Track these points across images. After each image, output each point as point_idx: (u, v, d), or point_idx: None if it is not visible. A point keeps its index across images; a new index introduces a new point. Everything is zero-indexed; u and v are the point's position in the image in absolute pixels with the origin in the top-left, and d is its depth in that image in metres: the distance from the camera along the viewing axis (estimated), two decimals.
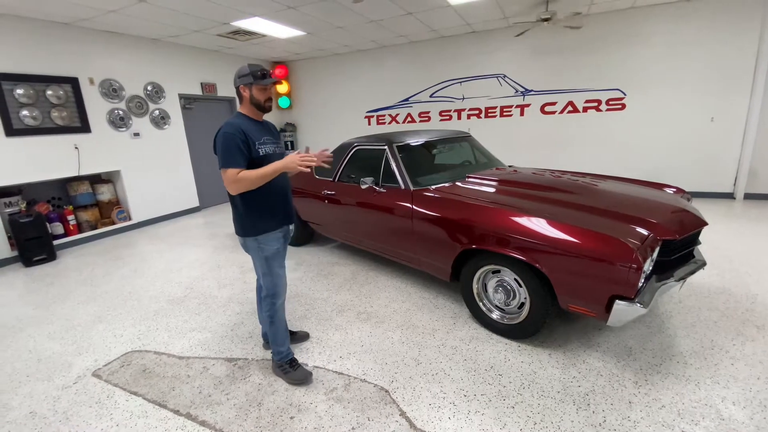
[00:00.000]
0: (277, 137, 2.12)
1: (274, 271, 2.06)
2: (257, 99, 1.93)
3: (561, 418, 1.76)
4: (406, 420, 1.79)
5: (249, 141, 1.87)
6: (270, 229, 2.01)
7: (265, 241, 2.01)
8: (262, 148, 1.92)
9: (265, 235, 2.00)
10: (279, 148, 2.06)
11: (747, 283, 2.92)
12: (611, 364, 2.10)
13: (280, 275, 2.09)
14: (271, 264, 2.05)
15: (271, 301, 2.09)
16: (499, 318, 2.41)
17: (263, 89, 1.93)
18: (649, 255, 1.87)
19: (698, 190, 5.50)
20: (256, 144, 1.90)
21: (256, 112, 1.98)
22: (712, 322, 2.44)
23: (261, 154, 1.91)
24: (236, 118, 1.93)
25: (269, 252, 2.03)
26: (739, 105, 5.08)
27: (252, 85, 1.91)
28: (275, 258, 2.06)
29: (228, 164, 1.82)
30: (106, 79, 5.14)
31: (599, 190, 2.66)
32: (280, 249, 2.09)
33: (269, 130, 2.08)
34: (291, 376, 2.10)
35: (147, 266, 4.05)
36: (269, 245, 2.02)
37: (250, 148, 1.87)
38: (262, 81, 1.90)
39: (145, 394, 2.09)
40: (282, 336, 2.14)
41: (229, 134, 1.83)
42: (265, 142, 1.96)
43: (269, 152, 1.96)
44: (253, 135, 1.90)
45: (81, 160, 4.92)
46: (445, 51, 6.58)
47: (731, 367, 2.03)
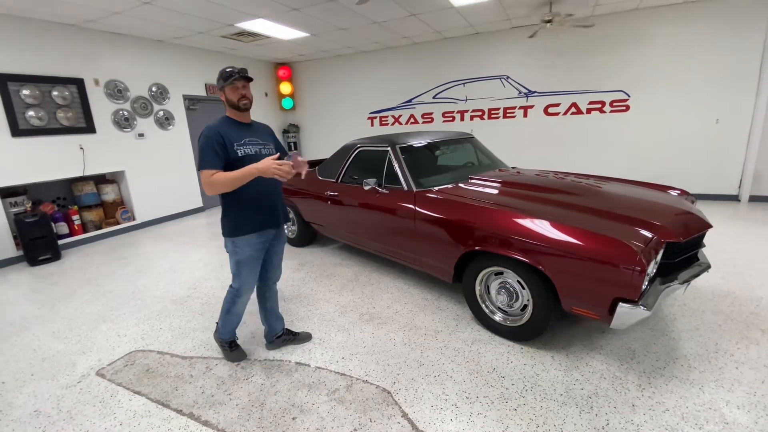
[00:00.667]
0: (267, 139, 2.13)
1: (243, 275, 2.11)
2: (231, 99, 1.96)
3: (564, 420, 1.75)
4: (408, 421, 1.79)
5: (226, 142, 1.90)
6: (244, 233, 2.02)
7: (239, 244, 2.04)
8: (241, 149, 1.94)
9: (240, 239, 2.03)
10: (267, 149, 2.07)
11: (752, 286, 2.90)
12: (614, 366, 2.09)
13: (248, 280, 2.14)
14: (241, 268, 2.09)
15: (233, 298, 2.19)
16: (501, 320, 2.41)
17: (234, 89, 1.94)
18: (653, 257, 1.86)
19: (703, 193, 5.47)
20: (234, 145, 1.92)
21: (238, 113, 2.00)
22: (716, 326, 2.42)
23: (239, 155, 1.93)
24: (219, 121, 1.98)
25: (242, 256, 2.06)
26: (745, 107, 5.05)
27: (224, 87, 1.95)
28: (247, 264, 2.08)
29: (203, 165, 1.87)
30: (112, 80, 5.17)
31: (603, 192, 2.65)
32: (255, 256, 2.09)
33: (257, 131, 2.09)
34: (228, 355, 2.34)
35: (150, 266, 4.07)
36: (242, 249, 2.05)
37: (227, 149, 1.90)
38: (229, 80, 1.92)
39: (148, 394, 2.10)
40: (231, 326, 2.31)
41: (205, 136, 1.89)
42: (247, 143, 1.97)
43: (249, 153, 1.96)
44: (233, 136, 1.93)
45: (86, 160, 4.95)
46: (448, 52, 6.59)
47: (736, 370, 2.01)
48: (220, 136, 1.89)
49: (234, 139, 1.93)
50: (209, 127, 1.92)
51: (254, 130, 2.07)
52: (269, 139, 2.17)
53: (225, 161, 1.90)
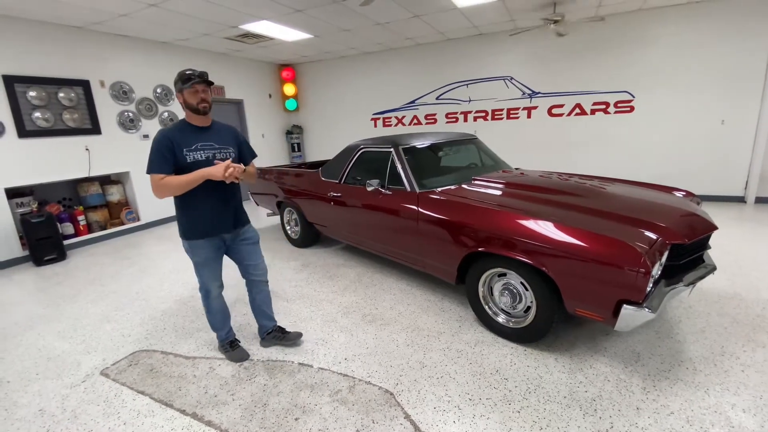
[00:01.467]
0: (227, 142, 2.08)
1: (203, 275, 2.16)
2: (190, 102, 1.92)
3: (567, 423, 1.74)
4: (410, 423, 1.79)
5: (175, 147, 1.88)
6: (198, 236, 2.04)
7: (193, 246, 2.07)
8: (190, 155, 1.92)
9: (192, 242, 2.06)
10: (222, 153, 2.03)
11: (758, 288, 2.87)
12: (619, 369, 2.08)
13: (209, 279, 2.17)
14: (200, 270, 2.14)
15: (204, 295, 2.24)
16: (504, 322, 2.40)
17: (193, 92, 1.90)
18: (658, 259, 1.85)
19: (708, 194, 5.43)
20: (184, 150, 1.90)
21: (196, 116, 1.96)
22: (722, 328, 2.40)
23: (188, 161, 1.91)
24: (173, 125, 1.97)
25: (197, 258, 2.10)
26: (751, 108, 5.01)
27: (183, 90, 1.91)
28: (205, 265, 2.12)
29: (150, 169, 1.88)
30: (117, 81, 5.21)
31: (607, 193, 2.64)
32: (211, 257, 2.11)
33: (215, 135, 2.03)
34: (230, 355, 2.35)
35: (154, 266, 4.09)
36: (197, 252, 2.08)
37: (175, 154, 1.89)
38: (188, 84, 1.88)
39: (152, 394, 2.10)
40: (219, 323, 2.34)
41: (155, 140, 1.89)
42: (199, 148, 1.94)
43: (199, 159, 1.93)
44: (184, 141, 1.91)
45: (91, 161, 4.99)
46: (451, 53, 6.59)
47: (742, 373, 1.99)
48: (170, 141, 1.88)
49: (185, 144, 1.91)
50: (161, 132, 1.92)
51: (211, 134, 2.02)
52: (231, 142, 2.10)
53: (174, 166, 1.89)
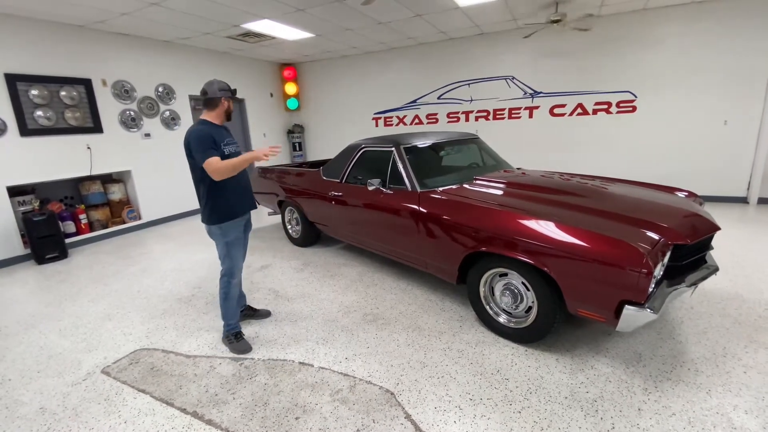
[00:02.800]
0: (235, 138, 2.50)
1: (233, 254, 2.41)
2: (230, 110, 2.37)
3: (569, 424, 1.73)
4: (411, 423, 1.78)
5: (216, 140, 2.22)
6: (234, 216, 2.35)
7: (228, 228, 2.34)
8: (226, 148, 2.28)
9: (228, 223, 2.33)
10: (237, 148, 2.42)
11: (760, 290, 2.86)
12: (620, 370, 2.07)
13: (237, 259, 2.44)
14: (231, 249, 2.39)
15: (228, 280, 2.42)
16: (506, 322, 2.39)
17: (232, 102, 2.37)
18: (660, 260, 1.84)
19: (711, 194, 5.41)
20: (221, 145, 2.25)
21: (223, 119, 2.36)
22: (724, 329, 2.39)
23: (226, 153, 2.27)
24: (201, 125, 2.26)
25: (230, 238, 2.37)
26: (754, 108, 4.99)
27: (229, 99, 2.34)
28: (235, 244, 2.41)
29: (209, 155, 2.15)
30: (119, 80, 5.22)
31: (609, 193, 2.63)
32: (240, 236, 2.45)
33: (229, 133, 2.44)
34: (234, 346, 2.44)
35: (156, 265, 4.10)
36: (231, 232, 2.36)
37: (218, 147, 2.22)
38: (232, 95, 2.36)
39: (152, 392, 2.11)
40: (233, 312, 2.49)
41: (199, 133, 2.19)
42: (228, 143, 2.31)
43: (232, 152, 2.32)
44: (218, 137, 2.25)
45: (93, 160, 5.00)
46: (453, 53, 6.57)
47: (744, 375, 1.99)
48: (210, 136, 2.20)
49: (220, 140, 2.26)
50: (198, 129, 2.21)
51: (227, 133, 2.41)
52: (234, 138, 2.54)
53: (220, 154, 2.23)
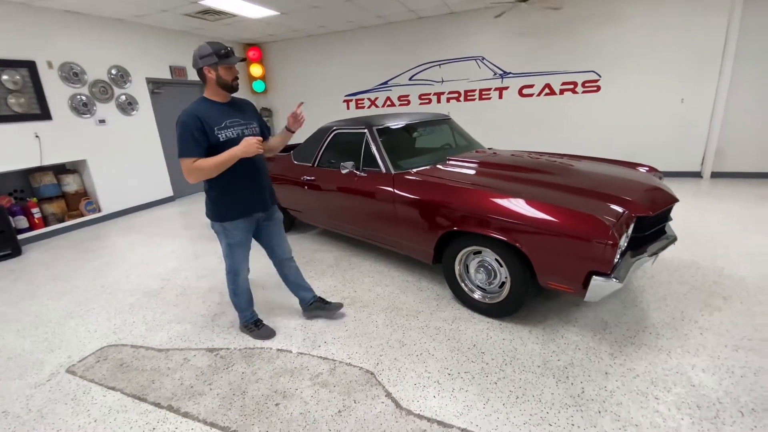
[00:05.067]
0: (250, 117, 2.04)
1: (236, 257, 2.14)
2: (224, 79, 1.87)
3: (542, 391, 1.81)
4: (392, 400, 1.81)
5: (206, 128, 1.83)
6: (234, 217, 2.01)
7: (230, 228, 2.03)
8: (222, 133, 1.87)
9: (230, 223, 2.02)
10: (249, 129, 1.99)
11: (713, 257, 3.06)
12: (588, 337, 2.17)
13: (240, 261, 2.16)
14: (233, 250, 2.11)
15: (232, 278, 2.21)
16: (480, 298, 2.45)
17: (229, 68, 1.87)
18: (624, 231, 1.92)
19: (669, 170, 5.68)
20: (215, 129, 1.85)
21: (222, 93, 1.92)
22: (682, 295, 2.55)
23: (221, 140, 1.86)
24: (196, 104, 1.89)
25: (232, 240, 2.07)
26: (708, 86, 5.23)
27: (217, 65, 1.83)
28: (239, 247, 2.11)
29: (183, 153, 1.81)
30: (66, 62, 4.82)
31: (576, 170, 2.70)
32: (245, 238, 2.11)
33: (239, 110, 1.99)
34: (256, 333, 2.34)
35: (120, 259, 3.91)
36: (233, 233, 2.05)
37: (207, 134, 1.83)
38: (227, 60, 1.82)
39: (123, 389, 2.03)
40: (245, 303, 2.34)
41: (182, 122, 1.81)
42: (229, 125, 1.90)
43: (231, 137, 1.89)
44: (213, 120, 1.86)
45: (43, 149, 4.64)
46: (423, 33, 6.49)
47: (700, 336, 2.13)
48: (199, 121, 1.81)
49: (214, 122, 1.86)
50: (186, 112, 1.83)
51: (236, 110, 1.97)
52: (252, 117, 2.06)
53: (206, 147, 1.83)
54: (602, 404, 1.71)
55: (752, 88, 5.08)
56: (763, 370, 1.85)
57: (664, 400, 1.71)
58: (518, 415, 1.68)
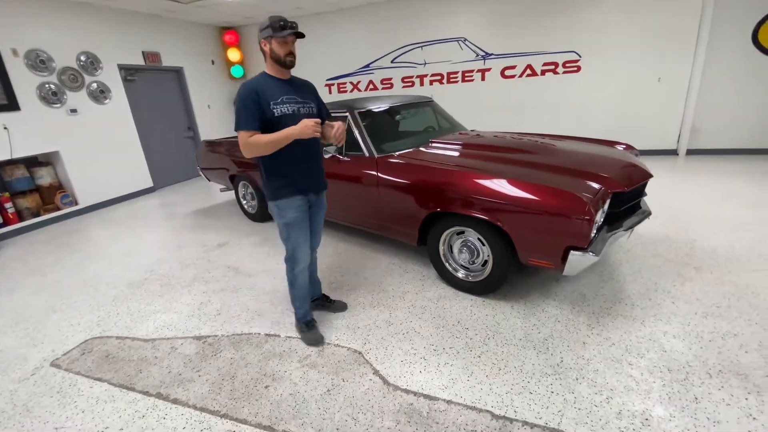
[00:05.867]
0: (308, 97, 2.00)
1: (293, 237, 2.04)
2: (277, 54, 1.83)
3: (523, 362, 1.88)
4: (379, 377, 1.86)
5: (262, 101, 1.79)
6: (286, 196, 1.96)
7: (283, 207, 1.98)
8: (277, 108, 1.82)
9: (283, 201, 1.97)
10: (306, 108, 1.94)
11: (686, 230, 3.18)
12: (567, 310, 2.26)
13: (299, 243, 2.05)
14: (290, 231, 2.03)
15: (291, 266, 2.11)
16: (464, 276, 2.50)
17: (283, 42, 1.81)
18: (601, 207, 1.97)
19: (646, 148, 5.81)
20: (270, 104, 1.81)
21: (280, 69, 1.88)
22: (656, 267, 2.65)
23: (276, 115, 1.82)
24: (255, 78, 1.87)
25: (288, 219, 2.00)
26: (684, 65, 5.33)
27: (272, 39, 1.80)
28: (294, 225, 2.02)
29: (239, 126, 1.79)
30: (32, 49, 4.60)
31: (557, 149, 2.75)
32: (301, 217, 2.03)
33: (297, 88, 1.96)
34: (305, 336, 2.19)
35: (101, 252, 3.83)
36: (287, 212, 1.99)
37: (263, 108, 1.79)
38: (281, 33, 1.78)
39: (110, 379, 2.02)
40: (300, 299, 2.19)
41: (241, 95, 1.79)
42: (285, 101, 1.85)
43: (286, 112, 1.84)
44: (270, 94, 1.82)
45: (12, 141, 4.46)
46: (405, 13, 6.39)
47: (672, 305, 2.23)
48: (255, 93, 1.78)
49: (271, 96, 1.82)
50: (245, 85, 1.82)
51: (294, 87, 1.94)
52: (311, 97, 2.03)
53: (261, 121, 1.80)
54: (580, 372, 1.79)
55: (726, 67, 5.21)
56: (730, 334, 1.95)
57: (638, 365, 1.80)
58: (501, 386, 1.75)
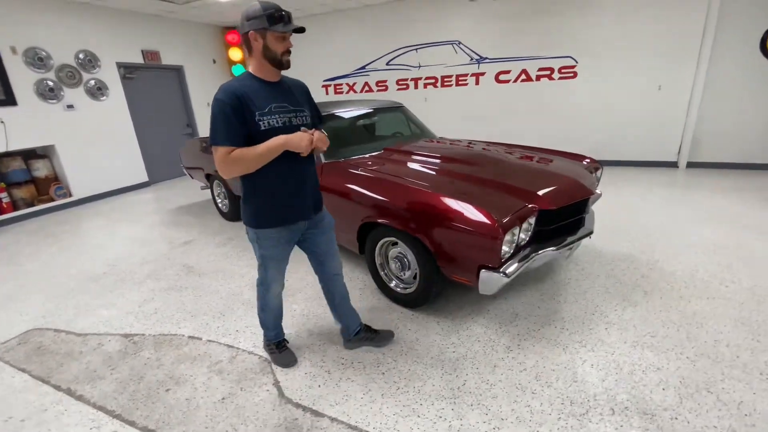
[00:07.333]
0: (302, 102, 1.63)
1: (269, 269, 1.76)
2: (273, 51, 1.45)
3: (425, 382, 1.82)
4: (277, 389, 1.84)
5: (245, 110, 1.43)
6: (269, 225, 1.62)
7: (262, 236, 1.65)
8: (264, 120, 1.45)
9: (263, 231, 1.64)
10: (299, 118, 1.56)
11: (653, 250, 3.00)
12: (492, 330, 2.17)
13: (274, 278, 1.80)
14: (266, 264, 1.75)
15: (263, 292, 1.85)
16: (396, 287, 2.45)
17: (281, 37, 1.45)
18: (518, 225, 1.89)
19: (645, 159, 5.57)
20: (256, 115, 1.44)
21: (270, 69, 1.51)
22: (604, 289, 2.51)
23: (262, 129, 1.45)
24: (237, 80, 1.49)
25: (266, 251, 1.70)
26: (686, 73, 5.05)
27: (267, 31, 1.42)
28: (273, 259, 1.73)
29: (216, 140, 1.42)
30: (31, 47, 4.82)
31: (502, 161, 2.65)
32: (282, 250, 1.72)
33: (288, 94, 1.57)
34: (276, 357, 2.01)
35: (77, 244, 3.98)
36: (266, 244, 1.67)
37: (246, 120, 1.43)
38: (281, 26, 1.42)
39: (32, 371, 2.09)
40: (272, 321, 1.98)
41: (219, 101, 1.41)
42: (274, 111, 1.48)
43: (275, 125, 1.48)
44: (256, 101, 1.45)
45: (8, 135, 4.69)
46: (400, 16, 6.33)
47: (604, 331, 2.11)
48: (238, 100, 1.41)
49: (259, 105, 1.45)
50: (224, 89, 1.43)
51: (284, 93, 1.56)
52: (304, 102, 1.65)
53: (245, 135, 1.45)
54: (477, 397, 1.71)
55: (731, 75, 4.89)
56: (653, 368, 1.83)
57: (541, 395, 1.71)
58: (392, 406, 1.69)
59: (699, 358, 1.87)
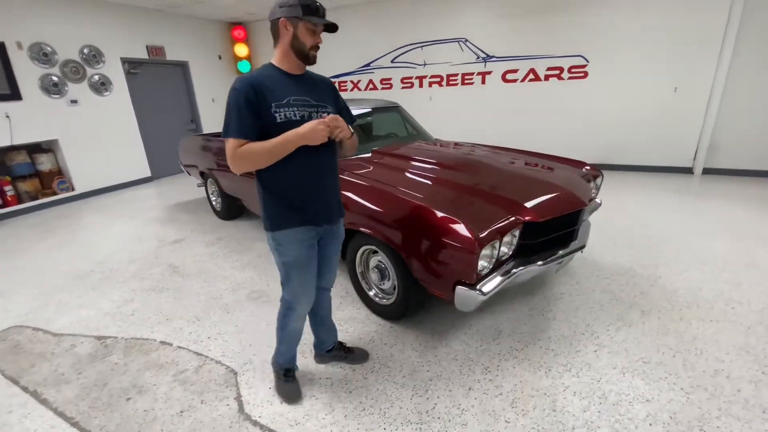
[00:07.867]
0: (325, 98, 1.52)
1: (294, 281, 1.56)
2: (302, 42, 1.39)
3: (392, 403, 1.72)
4: (238, 404, 1.76)
5: (261, 102, 1.35)
6: (288, 226, 1.48)
7: (282, 241, 1.50)
8: (281, 112, 1.36)
9: (282, 234, 1.49)
10: (319, 113, 1.45)
11: (657, 264, 2.82)
12: (472, 348, 2.05)
13: (302, 291, 1.59)
14: (290, 272, 1.55)
15: (285, 311, 1.66)
16: (375, 297, 2.35)
17: (312, 30, 1.39)
18: (498, 239, 1.76)
19: (658, 165, 5.32)
20: (272, 106, 1.35)
21: (295, 61, 1.43)
22: (598, 306, 2.36)
23: (278, 121, 1.36)
24: (258, 70, 1.43)
25: (288, 257, 1.52)
26: (705, 74, 4.77)
27: (299, 21, 1.36)
28: (296, 267, 1.53)
29: (227, 132, 1.36)
30: (36, 42, 4.87)
31: (492, 167, 2.50)
32: (306, 256, 1.53)
33: (311, 86, 1.49)
34: (279, 386, 1.82)
35: (73, 239, 4.00)
36: (288, 248, 1.51)
37: (261, 112, 1.35)
38: (315, 18, 1.37)
39: (5, 370, 2.07)
40: (287, 344, 1.77)
41: (234, 92, 1.35)
42: (292, 103, 1.39)
43: (292, 118, 1.37)
44: (274, 93, 1.37)
45: (13, 129, 4.75)
46: (405, 12, 6.19)
47: (593, 354, 1.96)
48: (253, 90, 1.34)
49: (276, 96, 1.37)
50: (241, 79, 1.37)
51: (306, 85, 1.47)
52: (328, 98, 1.54)
53: (258, 127, 1.36)
54: (446, 424, 1.60)
55: (754, 77, 4.60)
56: (642, 399, 1.68)
57: (515, 424, 1.58)
58: (353, 429, 1.60)
59: (694, 390, 1.71)
